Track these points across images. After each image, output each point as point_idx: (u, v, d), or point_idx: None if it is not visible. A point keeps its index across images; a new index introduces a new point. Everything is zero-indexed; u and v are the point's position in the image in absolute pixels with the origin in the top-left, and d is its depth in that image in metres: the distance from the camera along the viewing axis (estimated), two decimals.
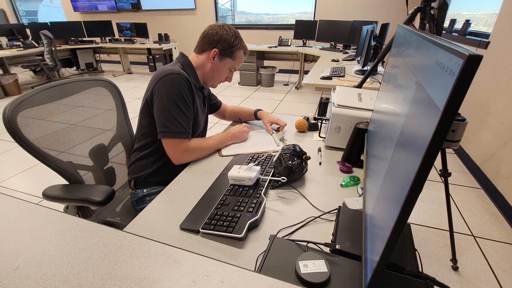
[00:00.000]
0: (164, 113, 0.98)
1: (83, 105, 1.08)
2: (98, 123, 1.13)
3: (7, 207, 0.67)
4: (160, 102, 0.97)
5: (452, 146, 1.06)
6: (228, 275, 0.50)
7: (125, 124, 1.25)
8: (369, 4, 4.74)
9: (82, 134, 1.08)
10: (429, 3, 1.48)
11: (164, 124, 0.98)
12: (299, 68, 4.71)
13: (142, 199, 1.10)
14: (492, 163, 2.04)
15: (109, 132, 1.18)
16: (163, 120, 0.99)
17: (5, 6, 7.07)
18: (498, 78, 2.10)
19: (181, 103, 0.99)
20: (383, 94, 0.86)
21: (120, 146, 1.24)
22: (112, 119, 1.19)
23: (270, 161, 1.02)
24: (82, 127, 1.08)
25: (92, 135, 1.11)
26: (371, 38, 2.22)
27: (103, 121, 1.15)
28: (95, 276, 0.49)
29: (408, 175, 0.34)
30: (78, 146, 1.06)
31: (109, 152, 1.19)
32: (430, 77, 0.37)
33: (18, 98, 0.88)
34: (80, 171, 1.05)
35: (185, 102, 1.00)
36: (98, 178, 1.14)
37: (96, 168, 1.13)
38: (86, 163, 1.09)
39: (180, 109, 0.99)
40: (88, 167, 1.10)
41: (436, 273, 1.42)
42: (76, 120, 1.06)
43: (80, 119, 1.07)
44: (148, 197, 1.09)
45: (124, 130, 1.24)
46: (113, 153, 1.21)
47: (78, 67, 5.71)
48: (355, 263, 0.58)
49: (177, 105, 0.98)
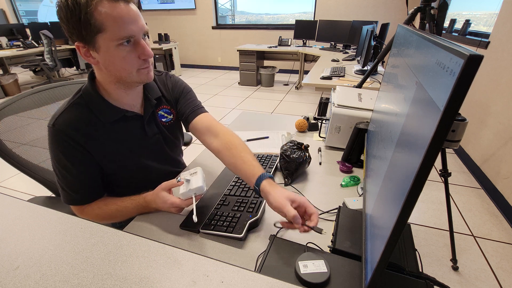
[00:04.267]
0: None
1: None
2: None
3: (7, 207, 0.67)
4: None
5: (452, 146, 1.06)
6: (228, 275, 0.50)
7: None
8: (369, 4, 4.74)
9: None
10: (429, 3, 1.48)
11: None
12: (299, 68, 4.71)
13: (121, 228, 0.91)
14: (492, 163, 2.04)
15: None
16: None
17: (5, 6, 7.06)
18: (498, 78, 2.10)
19: (60, 165, 0.74)
20: (383, 94, 0.86)
21: None
22: None
23: (270, 161, 1.02)
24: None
25: None
26: (371, 38, 2.22)
27: None
28: (95, 276, 0.49)
29: (408, 175, 0.34)
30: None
31: None
32: (430, 77, 0.37)
33: (2, 102, 0.85)
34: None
35: (63, 163, 0.74)
36: None
37: None
38: None
39: (60, 172, 0.75)
40: None
41: (436, 273, 1.42)
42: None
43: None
44: (126, 224, 0.80)
45: None
46: None
47: (78, 67, 5.71)
48: (355, 263, 0.58)
49: (57, 168, 0.75)
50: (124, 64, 0.68)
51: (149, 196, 0.74)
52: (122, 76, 0.71)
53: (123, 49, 0.65)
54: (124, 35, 0.64)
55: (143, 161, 0.87)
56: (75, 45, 0.66)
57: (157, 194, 0.73)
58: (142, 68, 0.71)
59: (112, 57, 0.66)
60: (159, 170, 0.93)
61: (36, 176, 0.91)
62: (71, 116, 0.73)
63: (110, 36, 0.63)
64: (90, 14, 0.60)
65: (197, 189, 0.71)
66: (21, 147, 0.89)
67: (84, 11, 0.59)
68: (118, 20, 0.62)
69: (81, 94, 0.76)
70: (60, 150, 0.73)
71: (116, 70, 0.69)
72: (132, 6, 0.65)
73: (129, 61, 0.68)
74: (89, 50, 0.66)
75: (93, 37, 0.63)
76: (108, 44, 0.64)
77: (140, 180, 0.88)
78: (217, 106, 3.97)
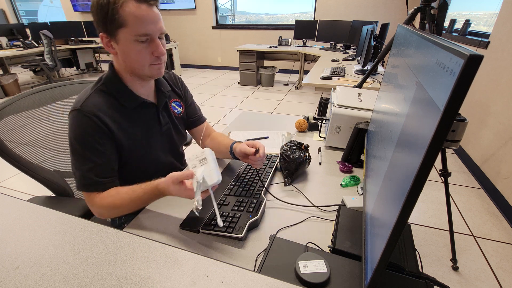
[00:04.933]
0: (71, 160, 0.79)
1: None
2: None
3: (7, 207, 0.67)
4: (69, 146, 0.79)
5: (452, 146, 1.06)
6: (228, 275, 0.50)
7: None
8: (369, 4, 4.74)
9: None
10: (429, 3, 1.48)
11: (72, 173, 0.80)
12: (299, 68, 4.71)
13: (121, 227, 0.91)
14: (492, 163, 2.04)
15: None
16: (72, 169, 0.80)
17: (5, 6, 7.07)
18: (498, 78, 2.10)
19: (84, 148, 0.76)
20: (383, 94, 0.86)
21: None
22: None
23: (270, 161, 1.02)
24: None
25: None
26: (371, 38, 2.22)
27: None
28: (95, 276, 0.49)
29: (408, 175, 0.34)
30: (68, 151, 1.03)
31: None
32: (430, 77, 0.37)
33: (2, 102, 0.85)
34: (70, 179, 1.03)
35: (89, 146, 0.76)
36: None
37: None
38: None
39: (82, 156, 0.76)
40: None
41: (436, 273, 1.42)
42: (65, 125, 1.02)
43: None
44: (126, 224, 0.83)
45: None
46: None
47: (78, 67, 5.71)
48: (355, 263, 0.58)
49: (79, 152, 0.76)
50: (138, 58, 0.75)
51: (162, 184, 0.72)
52: (135, 68, 0.78)
53: (139, 44, 0.73)
54: (142, 32, 0.72)
55: (154, 152, 0.92)
56: (99, 35, 0.75)
57: (169, 185, 0.70)
58: (154, 64, 0.78)
59: (129, 49, 0.74)
60: (165, 164, 0.96)
61: (36, 176, 0.91)
62: (98, 100, 0.78)
63: (130, 32, 0.71)
64: (116, 10, 0.69)
65: (212, 184, 0.65)
66: (21, 147, 0.89)
67: (111, 7, 0.69)
68: (139, 19, 0.70)
69: (103, 82, 0.81)
70: (88, 131, 0.75)
71: (131, 61, 0.77)
72: (154, 9, 0.73)
73: (143, 56, 0.75)
74: (111, 41, 0.75)
75: (115, 30, 0.71)
76: (127, 38, 0.72)
77: (146, 173, 0.87)
78: (217, 106, 3.97)
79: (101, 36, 0.74)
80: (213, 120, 3.29)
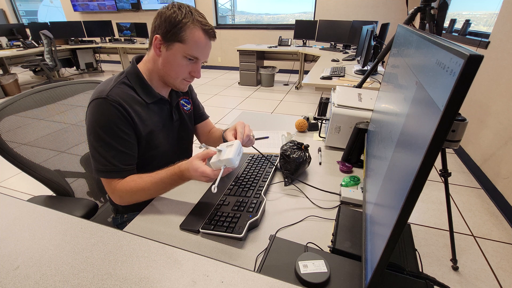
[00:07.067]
0: (91, 147, 0.82)
1: (75, 110, 1.06)
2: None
3: (7, 207, 0.67)
4: (88, 133, 0.82)
5: (452, 146, 1.06)
6: (228, 275, 0.50)
7: None
8: (369, 4, 4.74)
9: (72, 140, 1.05)
10: (429, 3, 1.48)
11: (92, 160, 0.83)
12: (299, 68, 4.71)
13: (123, 225, 0.98)
14: (492, 163, 2.04)
15: None
16: (91, 155, 0.83)
17: (5, 6, 7.07)
18: (498, 78, 2.10)
19: (108, 135, 0.79)
20: (383, 94, 0.87)
21: None
22: None
23: (270, 161, 1.02)
24: (73, 132, 1.06)
25: (83, 141, 1.08)
26: (371, 38, 2.22)
27: None
28: (95, 276, 0.49)
29: (408, 175, 0.34)
30: (69, 151, 1.03)
31: None
32: (430, 77, 0.37)
33: (2, 102, 0.86)
34: (71, 179, 1.03)
35: (114, 134, 0.80)
36: (91, 185, 1.12)
37: (89, 175, 1.11)
38: (78, 170, 1.07)
39: (107, 143, 0.79)
40: (81, 174, 1.09)
41: (436, 273, 1.42)
42: (66, 125, 1.03)
43: (71, 123, 1.04)
44: (128, 223, 0.84)
45: None
46: None
47: (78, 67, 5.71)
48: (355, 263, 0.58)
49: (103, 139, 0.79)
50: (178, 70, 0.84)
51: (184, 164, 0.77)
52: (169, 76, 0.86)
53: (185, 60, 0.83)
54: (193, 55, 0.82)
55: (165, 146, 0.96)
56: (153, 36, 0.81)
57: (191, 162, 0.75)
58: (186, 80, 0.88)
59: (174, 60, 0.82)
60: (173, 159, 0.96)
61: (37, 175, 0.91)
62: (122, 91, 0.83)
63: (185, 49, 0.80)
64: (184, 29, 0.78)
65: (227, 161, 0.70)
66: (21, 147, 0.89)
67: (181, 24, 0.77)
68: (197, 44, 0.80)
69: (125, 75, 0.87)
70: (113, 120, 0.79)
71: (169, 70, 0.85)
72: (211, 42, 0.84)
73: (183, 71, 0.85)
74: (162, 45, 0.81)
75: (173, 41, 0.79)
76: (179, 51, 0.81)
77: (154, 167, 0.89)
78: (217, 106, 3.97)
79: (156, 37, 0.80)
80: (213, 120, 3.29)
